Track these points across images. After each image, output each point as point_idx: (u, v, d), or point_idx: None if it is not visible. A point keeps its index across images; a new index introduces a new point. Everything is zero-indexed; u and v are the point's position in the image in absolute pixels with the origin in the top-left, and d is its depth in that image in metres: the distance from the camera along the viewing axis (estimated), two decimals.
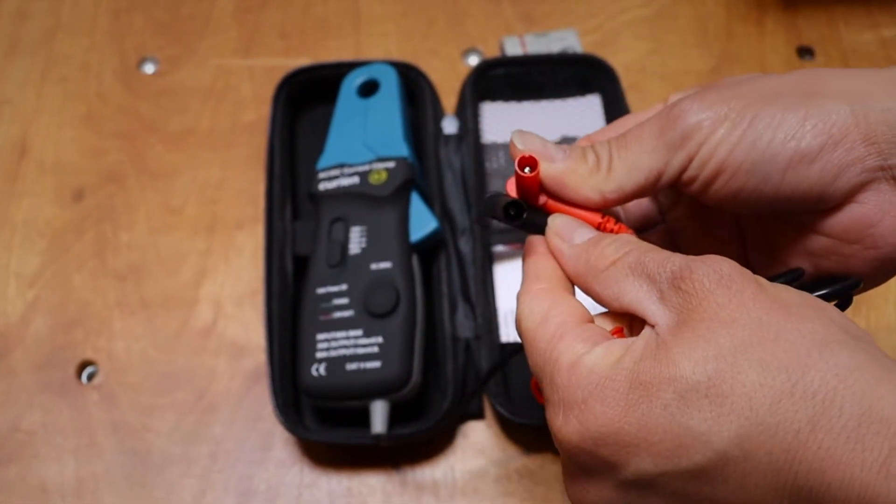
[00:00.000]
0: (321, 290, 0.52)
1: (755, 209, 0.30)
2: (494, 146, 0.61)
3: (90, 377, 0.55)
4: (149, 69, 0.67)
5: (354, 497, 0.51)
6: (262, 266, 0.55)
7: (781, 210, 0.30)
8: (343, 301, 0.51)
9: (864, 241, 0.29)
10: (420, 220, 0.54)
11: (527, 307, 0.29)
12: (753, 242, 0.35)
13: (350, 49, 0.68)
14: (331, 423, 0.52)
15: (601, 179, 0.30)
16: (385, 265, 0.52)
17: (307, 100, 0.63)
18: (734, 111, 0.28)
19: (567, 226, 0.31)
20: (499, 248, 0.57)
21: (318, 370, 0.49)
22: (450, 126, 0.61)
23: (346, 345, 0.50)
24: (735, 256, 0.35)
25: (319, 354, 0.50)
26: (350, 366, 0.49)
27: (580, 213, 0.31)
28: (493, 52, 0.68)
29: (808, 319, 0.24)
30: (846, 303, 0.31)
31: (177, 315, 0.57)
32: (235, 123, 0.64)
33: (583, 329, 0.27)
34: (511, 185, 0.32)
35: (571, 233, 0.31)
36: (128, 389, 0.54)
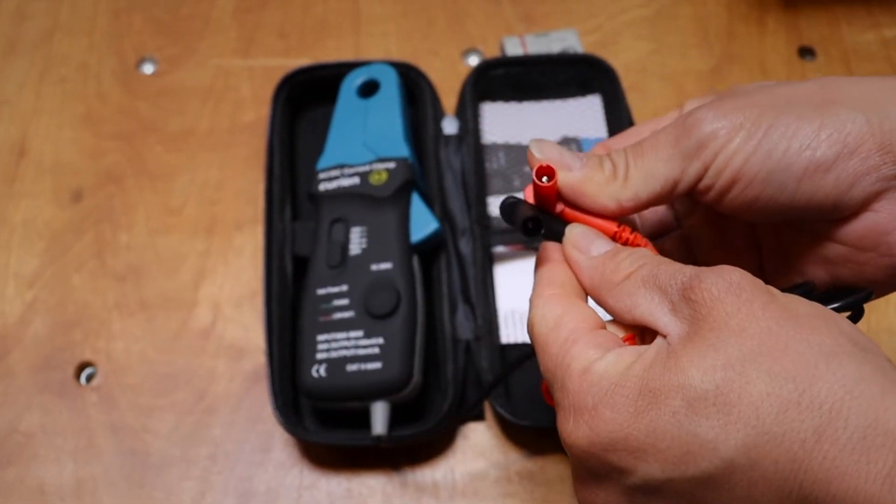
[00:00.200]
0: (321, 291, 0.52)
1: (770, 218, 0.30)
2: (494, 146, 0.61)
3: (89, 378, 0.55)
4: (148, 69, 0.67)
5: (354, 498, 0.51)
6: (262, 267, 0.55)
7: (797, 218, 0.30)
8: (343, 302, 0.51)
9: (879, 249, 0.29)
10: (420, 221, 0.54)
11: (539, 312, 0.29)
12: (769, 250, 0.35)
13: (350, 49, 0.68)
14: (331, 425, 0.52)
15: (618, 188, 0.30)
16: (385, 266, 0.52)
17: (307, 100, 0.63)
18: (749, 120, 0.28)
19: (585, 237, 0.31)
20: (499, 249, 0.57)
21: (318, 371, 0.49)
22: (450, 126, 0.61)
23: (347, 346, 0.50)
24: (751, 264, 0.35)
25: (319, 355, 0.50)
26: (350, 367, 0.49)
27: (596, 222, 0.31)
28: (494, 53, 0.68)
29: (817, 330, 0.24)
30: (858, 314, 0.31)
31: (176, 316, 0.57)
32: (235, 124, 0.64)
33: (595, 335, 0.28)
34: (529, 192, 0.32)
35: (589, 245, 0.31)
36: (127, 391, 0.54)
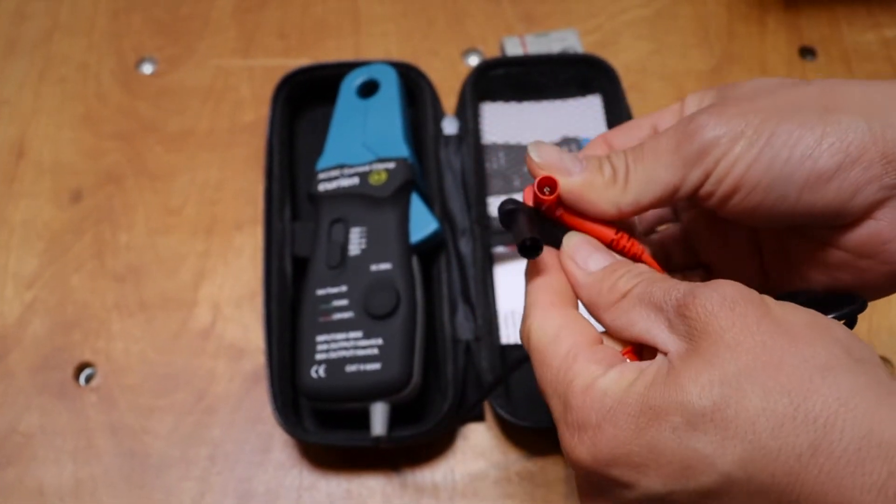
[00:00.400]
0: (321, 292, 0.52)
1: (772, 224, 0.30)
2: (494, 147, 0.61)
3: (88, 379, 0.55)
4: (147, 69, 0.67)
5: (354, 499, 0.51)
6: (262, 267, 0.55)
7: (798, 225, 0.30)
8: (343, 302, 0.51)
9: (880, 257, 0.29)
10: (420, 221, 0.54)
11: (537, 322, 0.30)
12: (770, 251, 0.35)
13: (350, 49, 0.68)
14: (330, 426, 0.52)
15: (618, 193, 0.30)
16: (385, 266, 0.51)
17: (306, 100, 0.63)
18: (752, 127, 0.28)
19: (582, 249, 0.31)
20: (499, 250, 0.57)
21: (318, 372, 0.49)
22: (450, 126, 0.61)
23: (346, 346, 0.49)
24: (751, 263, 0.36)
25: (319, 356, 0.50)
26: (350, 367, 0.49)
27: (595, 228, 0.31)
28: (494, 53, 0.67)
29: (812, 342, 0.24)
30: (851, 323, 0.31)
31: (175, 316, 0.57)
32: (234, 124, 0.64)
33: (595, 350, 0.28)
34: (528, 194, 0.32)
35: (586, 258, 0.31)
36: (126, 391, 0.54)
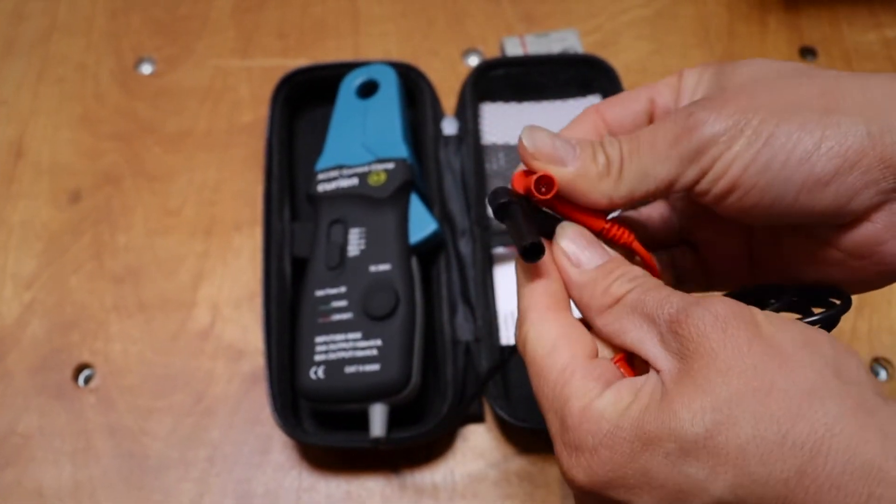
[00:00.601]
0: (320, 293, 0.51)
1: (767, 223, 0.30)
2: (494, 147, 0.61)
3: (87, 380, 0.55)
4: (146, 70, 0.67)
5: (353, 501, 0.51)
6: (261, 268, 0.55)
7: (794, 224, 0.30)
8: (342, 303, 0.51)
9: (873, 258, 0.29)
10: (419, 222, 0.54)
11: (533, 332, 0.30)
12: (760, 241, 0.35)
13: (349, 49, 0.68)
14: (329, 427, 0.52)
15: (611, 185, 0.30)
16: (384, 267, 0.51)
17: (306, 100, 0.63)
18: (751, 127, 0.28)
19: (576, 244, 0.31)
20: (499, 250, 0.57)
21: (317, 373, 0.49)
22: (449, 127, 0.61)
23: (345, 347, 0.49)
24: (739, 249, 0.36)
25: (318, 357, 0.49)
26: (349, 369, 0.49)
27: (586, 217, 0.31)
28: (494, 53, 0.67)
29: (801, 365, 0.25)
30: (834, 322, 0.32)
31: (174, 317, 0.56)
32: (233, 124, 0.64)
33: (592, 366, 0.28)
34: (519, 182, 0.31)
35: (580, 254, 0.31)
36: (125, 392, 0.54)
